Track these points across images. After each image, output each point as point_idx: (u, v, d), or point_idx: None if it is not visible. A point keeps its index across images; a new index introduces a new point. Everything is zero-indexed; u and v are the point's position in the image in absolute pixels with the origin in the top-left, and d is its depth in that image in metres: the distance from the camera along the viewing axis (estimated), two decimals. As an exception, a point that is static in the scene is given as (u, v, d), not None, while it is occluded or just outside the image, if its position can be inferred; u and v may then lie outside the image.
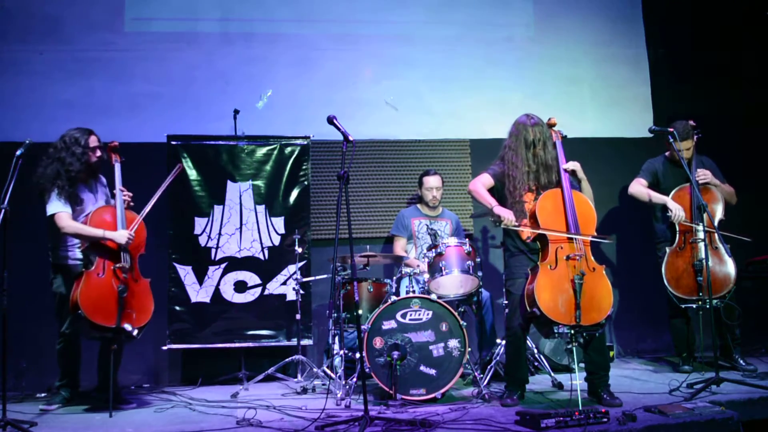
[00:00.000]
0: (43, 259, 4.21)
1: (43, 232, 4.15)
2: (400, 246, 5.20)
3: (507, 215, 3.71)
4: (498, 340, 4.56)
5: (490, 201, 3.82)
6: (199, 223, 5.09)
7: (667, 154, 4.83)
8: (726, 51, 6.14)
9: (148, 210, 4.19)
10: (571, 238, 3.63)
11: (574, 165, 3.81)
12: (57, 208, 3.98)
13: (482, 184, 3.89)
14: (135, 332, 3.94)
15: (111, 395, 3.83)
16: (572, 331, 3.47)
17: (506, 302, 4.12)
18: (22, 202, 3.75)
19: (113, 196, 4.22)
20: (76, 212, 4.07)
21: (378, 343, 3.92)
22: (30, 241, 4.78)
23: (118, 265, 3.98)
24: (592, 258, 3.66)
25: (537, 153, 3.81)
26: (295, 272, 4.98)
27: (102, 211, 4.10)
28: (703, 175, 4.58)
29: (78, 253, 4.12)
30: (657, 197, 4.65)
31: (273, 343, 5.09)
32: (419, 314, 3.97)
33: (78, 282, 3.88)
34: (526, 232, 3.78)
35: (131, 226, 4.08)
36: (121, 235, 4.00)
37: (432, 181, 5.14)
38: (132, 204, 4.22)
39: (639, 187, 4.76)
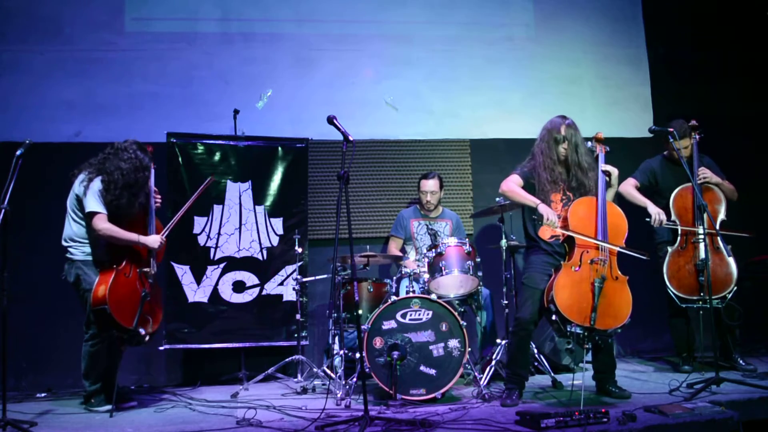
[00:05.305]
0: (42, 258, 4.19)
1: (42, 231, 4.14)
2: (395, 246, 5.19)
3: (551, 215, 3.65)
4: (498, 340, 4.55)
5: (532, 198, 3.75)
6: (199, 222, 5.08)
7: (665, 153, 4.83)
8: (726, 51, 6.14)
9: (175, 221, 4.24)
10: (599, 246, 3.64)
11: (612, 168, 3.81)
12: (98, 207, 3.87)
13: (515, 183, 3.84)
14: (147, 338, 3.96)
15: (114, 395, 3.84)
16: (585, 333, 3.49)
17: (515, 298, 4.12)
18: (22, 202, 3.74)
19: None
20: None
21: (378, 343, 3.91)
22: (30, 241, 4.79)
23: (145, 270, 3.98)
24: (617, 267, 3.68)
25: (565, 151, 3.79)
26: (293, 272, 4.98)
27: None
28: (703, 174, 4.58)
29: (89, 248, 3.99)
30: (639, 200, 4.65)
31: (271, 343, 5.08)
32: (419, 314, 3.96)
33: (104, 277, 3.84)
34: (548, 234, 3.78)
35: (162, 232, 4.10)
36: (154, 240, 4.02)
37: (427, 185, 5.09)
38: (159, 206, 4.22)
39: (626, 187, 4.74)
